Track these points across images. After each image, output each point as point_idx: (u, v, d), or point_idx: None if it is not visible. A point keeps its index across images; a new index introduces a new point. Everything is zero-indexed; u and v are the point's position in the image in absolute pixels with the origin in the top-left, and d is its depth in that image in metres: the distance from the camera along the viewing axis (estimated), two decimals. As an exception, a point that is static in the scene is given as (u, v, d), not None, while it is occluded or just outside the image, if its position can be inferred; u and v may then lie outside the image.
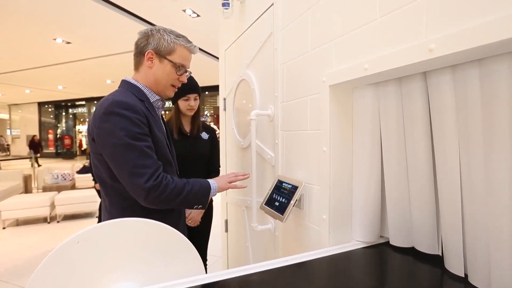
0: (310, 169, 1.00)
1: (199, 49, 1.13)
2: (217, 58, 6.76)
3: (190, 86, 1.54)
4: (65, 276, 0.67)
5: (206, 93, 12.04)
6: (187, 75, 1.11)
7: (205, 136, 1.80)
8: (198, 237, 1.78)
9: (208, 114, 12.52)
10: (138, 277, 0.75)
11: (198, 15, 4.96)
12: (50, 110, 17.60)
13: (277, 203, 1.07)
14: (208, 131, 1.82)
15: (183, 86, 1.14)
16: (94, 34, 5.82)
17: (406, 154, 0.77)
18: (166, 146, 1.05)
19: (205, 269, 1.05)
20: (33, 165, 7.57)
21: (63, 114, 17.81)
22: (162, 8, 4.70)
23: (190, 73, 1.14)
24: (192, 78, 1.46)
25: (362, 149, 0.86)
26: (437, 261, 0.72)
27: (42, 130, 17.21)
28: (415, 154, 0.73)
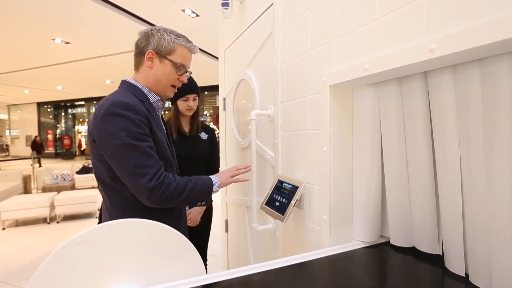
0: (311, 169, 1.00)
1: (199, 49, 1.13)
2: (216, 58, 6.77)
3: (189, 87, 1.53)
4: (65, 277, 0.67)
5: (206, 93, 12.03)
6: (188, 75, 1.11)
7: (204, 136, 1.79)
8: (198, 237, 1.77)
9: (207, 114, 12.52)
10: (138, 278, 0.75)
11: (197, 15, 4.96)
12: (49, 110, 17.58)
13: (277, 203, 1.07)
14: (207, 131, 1.82)
15: (182, 86, 1.14)
16: (93, 34, 5.82)
17: (407, 154, 0.77)
18: (167, 147, 1.05)
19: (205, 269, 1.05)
20: (33, 165, 7.54)
21: (62, 114, 17.78)
22: (161, 8, 4.69)
23: (191, 73, 1.14)
24: (191, 79, 1.46)
25: (363, 149, 0.86)
26: (437, 260, 0.72)
27: (41, 130, 17.18)
28: (416, 154, 0.73)
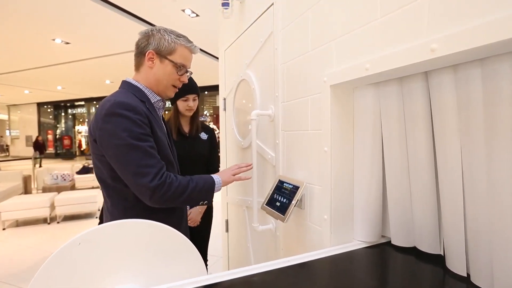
0: (311, 169, 1.00)
1: (199, 49, 1.13)
2: (216, 58, 6.77)
3: (189, 87, 1.53)
4: (66, 277, 0.67)
5: (206, 93, 12.03)
6: (188, 75, 1.11)
7: (204, 136, 1.79)
8: (198, 237, 1.78)
9: (207, 114, 12.51)
10: (139, 278, 0.75)
11: (197, 15, 4.95)
12: (49, 110, 17.57)
13: (278, 203, 1.07)
14: (207, 131, 1.82)
15: (182, 86, 1.14)
16: (93, 34, 5.81)
17: (407, 153, 0.76)
18: (168, 147, 1.05)
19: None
20: (35, 165, 7.55)
21: (62, 114, 17.78)
22: (161, 8, 4.69)
23: (191, 73, 1.14)
24: (191, 79, 1.45)
25: (363, 149, 0.86)
26: (439, 260, 0.72)
27: (41, 130, 17.18)
28: (416, 154, 0.73)
